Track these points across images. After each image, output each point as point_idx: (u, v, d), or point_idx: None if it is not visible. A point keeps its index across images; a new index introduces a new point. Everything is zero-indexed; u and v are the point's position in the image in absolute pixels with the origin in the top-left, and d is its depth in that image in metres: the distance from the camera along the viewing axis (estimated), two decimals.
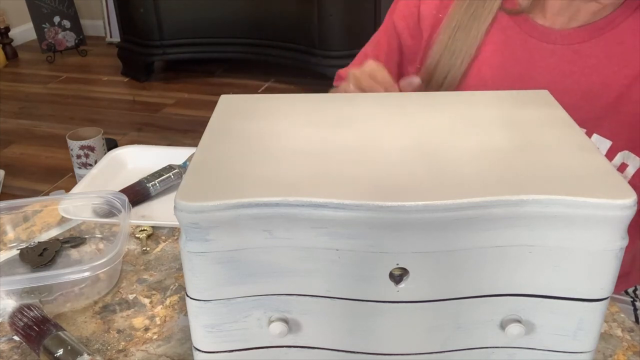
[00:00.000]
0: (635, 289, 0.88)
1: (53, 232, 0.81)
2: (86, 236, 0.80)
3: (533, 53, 0.78)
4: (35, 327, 0.60)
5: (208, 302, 0.46)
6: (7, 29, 3.77)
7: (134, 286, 0.71)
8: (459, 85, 0.83)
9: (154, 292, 0.70)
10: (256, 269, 0.45)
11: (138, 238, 0.79)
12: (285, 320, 0.47)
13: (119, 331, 0.64)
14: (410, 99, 0.59)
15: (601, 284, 0.45)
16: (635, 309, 0.86)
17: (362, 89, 0.70)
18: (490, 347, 0.48)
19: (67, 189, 2.18)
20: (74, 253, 0.77)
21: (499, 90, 0.59)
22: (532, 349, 0.48)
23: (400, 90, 0.71)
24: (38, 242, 0.77)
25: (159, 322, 0.65)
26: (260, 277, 0.45)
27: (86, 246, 0.78)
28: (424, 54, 0.85)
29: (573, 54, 0.75)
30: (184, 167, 0.92)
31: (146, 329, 0.64)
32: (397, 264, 0.44)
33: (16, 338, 0.62)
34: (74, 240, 0.78)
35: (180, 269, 0.73)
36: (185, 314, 0.64)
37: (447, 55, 0.81)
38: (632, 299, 0.87)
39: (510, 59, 0.80)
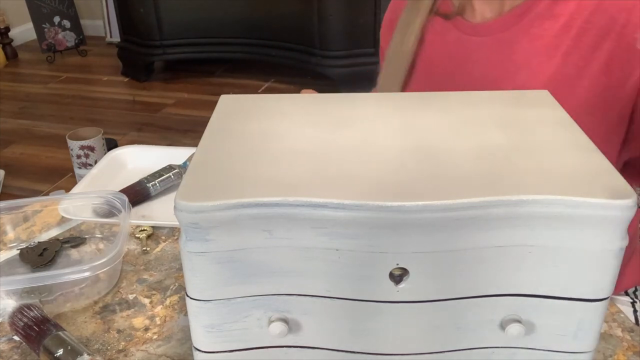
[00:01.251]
0: (636, 290, 0.88)
1: (53, 232, 0.81)
2: (86, 236, 0.80)
3: (466, 48, 0.82)
4: (35, 327, 0.60)
5: (208, 302, 0.46)
6: (7, 29, 3.77)
7: (134, 286, 0.71)
8: (404, 87, 0.87)
9: (154, 292, 0.70)
10: (256, 269, 0.45)
11: (138, 238, 0.79)
12: (285, 320, 0.47)
13: (119, 331, 0.64)
14: (410, 99, 0.59)
15: (601, 284, 0.45)
16: (635, 310, 0.86)
17: None
18: (490, 347, 0.48)
19: (67, 189, 2.18)
20: (74, 253, 0.77)
21: (442, 91, 0.60)
22: (532, 349, 0.48)
23: None
24: (38, 242, 0.77)
25: (159, 322, 0.65)
26: (260, 277, 0.45)
27: (86, 246, 0.78)
28: (382, 60, 0.91)
29: (499, 44, 0.78)
30: (184, 167, 0.92)
31: (146, 329, 0.64)
32: (397, 264, 0.44)
33: (16, 338, 0.62)
34: (74, 240, 0.78)
35: (180, 269, 0.73)
36: (185, 314, 0.64)
37: (394, 59, 0.87)
38: (632, 301, 0.87)
39: (447, 58, 0.83)
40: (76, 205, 0.81)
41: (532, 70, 0.75)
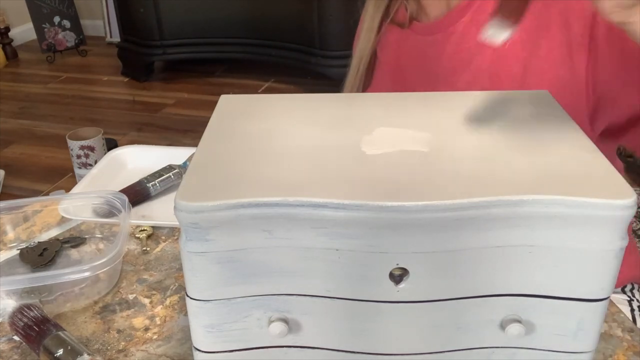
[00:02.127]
0: (633, 288, 0.88)
1: (53, 232, 0.81)
2: (86, 236, 0.80)
3: (423, 48, 0.85)
4: (35, 327, 0.60)
5: (208, 302, 0.46)
6: (7, 29, 3.77)
7: (134, 286, 0.71)
8: (365, 88, 0.92)
9: (154, 292, 0.70)
10: (256, 269, 0.45)
11: (138, 238, 0.79)
12: (285, 320, 0.47)
13: (119, 331, 0.64)
14: (410, 99, 0.59)
15: (601, 284, 0.45)
16: (632, 309, 0.86)
17: None
18: (490, 347, 0.48)
19: (67, 189, 2.18)
20: (74, 253, 0.77)
21: (401, 92, 0.62)
22: (532, 349, 0.48)
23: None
24: (38, 242, 0.77)
25: (159, 322, 0.65)
26: (260, 277, 0.45)
27: (86, 246, 0.78)
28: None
29: (451, 37, 0.81)
30: (184, 167, 0.92)
31: (146, 329, 0.64)
32: (397, 264, 0.44)
33: (16, 338, 0.62)
34: (74, 240, 0.78)
35: (180, 269, 0.73)
36: (185, 314, 0.64)
37: (355, 60, 0.92)
38: (629, 299, 0.87)
39: (410, 60, 0.87)
40: (76, 205, 0.81)
41: (484, 54, 0.78)
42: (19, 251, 0.76)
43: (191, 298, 0.46)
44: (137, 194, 0.87)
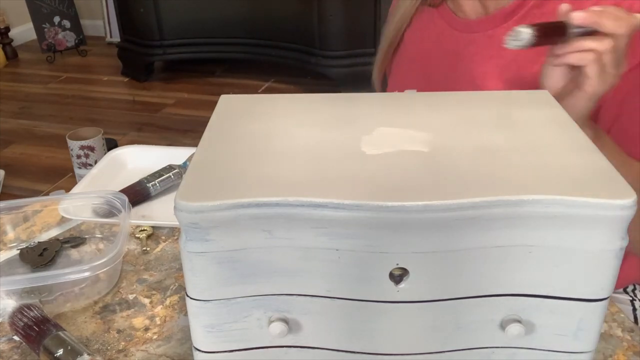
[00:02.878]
0: (634, 288, 0.88)
1: (53, 232, 0.81)
2: (86, 236, 0.80)
3: (455, 43, 0.84)
4: (35, 327, 0.60)
5: (208, 302, 0.46)
6: (7, 29, 3.77)
7: (134, 286, 0.71)
8: (391, 65, 0.92)
9: (154, 292, 0.70)
10: (256, 269, 0.45)
11: (138, 238, 0.79)
12: (285, 320, 0.47)
13: (119, 331, 0.64)
14: (410, 99, 0.59)
15: (601, 284, 0.45)
16: (634, 309, 0.86)
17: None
18: (490, 347, 0.48)
19: (67, 189, 2.18)
20: (74, 253, 0.77)
21: (430, 81, 0.61)
22: (532, 349, 0.48)
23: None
24: (38, 242, 0.77)
25: (159, 322, 0.65)
26: (260, 277, 0.45)
27: (86, 246, 0.78)
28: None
29: (488, 40, 0.80)
30: (184, 167, 0.92)
31: (146, 329, 0.64)
32: (397, 264, 0.44)
33: (16, 338, 0.62)
34: (74, 240, 0.78)
35: (180, 269, 0.73)
36: (185, 314, 0.64)
37: (383, 39, 0.92)
38: (631, 299, 0.87)
39: (436, 48, 0.86)
40: (76, 205, 0.81)
41: (521, 66, 0.76)
42: (19, 251, 0.76)
43: (191, 298, 0.46)
44: (137, 194, 0.87)
